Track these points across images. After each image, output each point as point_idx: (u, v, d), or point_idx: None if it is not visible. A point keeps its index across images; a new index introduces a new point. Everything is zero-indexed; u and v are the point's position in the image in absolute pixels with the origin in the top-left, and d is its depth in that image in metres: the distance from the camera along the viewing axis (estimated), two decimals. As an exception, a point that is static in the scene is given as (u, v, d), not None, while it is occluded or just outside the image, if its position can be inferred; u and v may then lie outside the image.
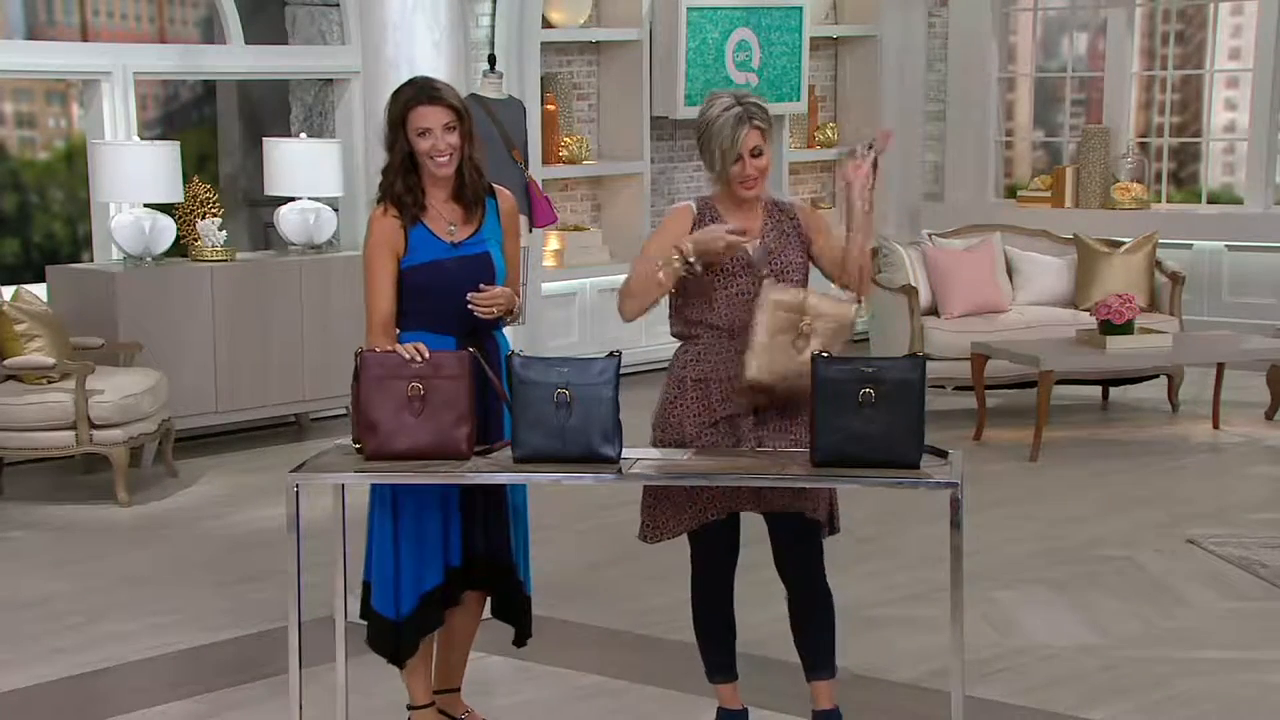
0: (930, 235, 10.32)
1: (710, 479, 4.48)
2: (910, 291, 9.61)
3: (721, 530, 4.77)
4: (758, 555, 4.88)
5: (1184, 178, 12.97)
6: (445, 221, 4.72)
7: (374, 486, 4.71)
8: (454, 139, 4.67)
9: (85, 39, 10.09)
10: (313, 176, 9.40)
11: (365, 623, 4.87)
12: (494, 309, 4.69)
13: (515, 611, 4.92)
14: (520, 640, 4.98)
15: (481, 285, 4.67)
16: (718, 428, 4.68)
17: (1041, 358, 8.84)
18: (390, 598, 4.73)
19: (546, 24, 11.06)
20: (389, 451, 4.47)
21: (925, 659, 5.69)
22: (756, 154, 4.65)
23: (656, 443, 4.75)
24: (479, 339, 4.71)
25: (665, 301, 4.78)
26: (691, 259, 4.58)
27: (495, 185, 4.85)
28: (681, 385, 4.73)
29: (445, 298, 4.67)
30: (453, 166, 4.69)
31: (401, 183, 4.67)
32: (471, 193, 4.74)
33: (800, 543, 4.76)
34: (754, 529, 4.84)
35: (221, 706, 5.40)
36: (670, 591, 6.50)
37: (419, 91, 4.68)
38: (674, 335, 4.81)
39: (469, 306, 4.66)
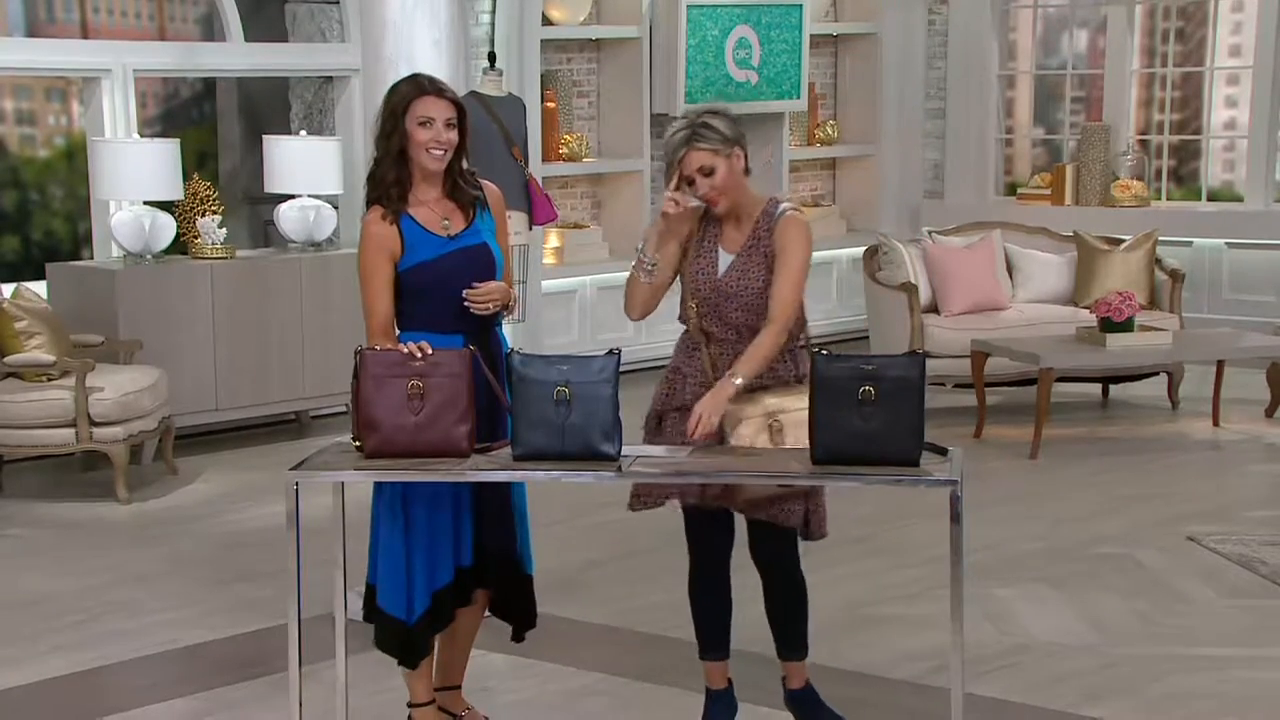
0: (930, 232, 10.33)
1: (708, 478, 4.52)
2: (910, 289, 9.62)
3: (712, 511, 4.79)
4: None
5: (1184, 175, 12.96)
6: (439, 217, 4.72)
7: (378, 488, 4.71)
8: (453, 135, 4.70)
9: (85, 36, 10.09)
10: (313, 174, 9.39)
11: (368, 622, 4.87)
12: (489, 304, 4.69)
13: (517, 606, 4.92)
14: (519, 634, 4.98)
15: (475, 283, 4.67)
16: (679, 414, 4.74)
17: (1041, 355, 8.83)
18: (401, 598, 4.71)
19: (546, 21, 11.06)
20: (389, 449, 4.47)
21: (925, 656, 5.69)
22: (707, 173, 4.66)
23: (649, 414, 4.85)
24: (483, 337, 4.71)
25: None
26: (643, 253, 4.75)
27: (480, 179, 4.87)
28: (668, 367, 4.86)
29: (449, 294, 4.66)
30: (445, 162, 4.71)
31: (394, 172, 4.68)
32: (466, 191, 4.77)
33: (772, 538, 4.80)
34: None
35: (221, 704, 5.40)
36: (669, 589, 6.50)
37: (425, 83, 4.74)
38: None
39: (465, 303, 4.67)
